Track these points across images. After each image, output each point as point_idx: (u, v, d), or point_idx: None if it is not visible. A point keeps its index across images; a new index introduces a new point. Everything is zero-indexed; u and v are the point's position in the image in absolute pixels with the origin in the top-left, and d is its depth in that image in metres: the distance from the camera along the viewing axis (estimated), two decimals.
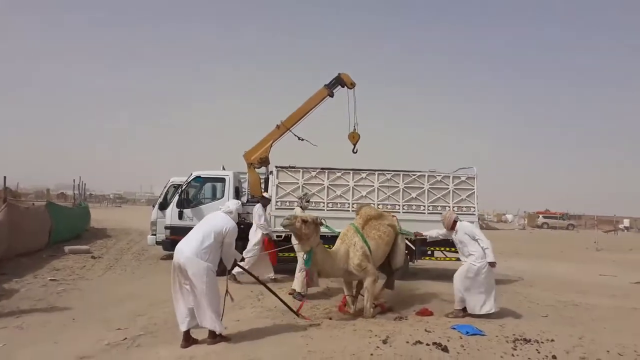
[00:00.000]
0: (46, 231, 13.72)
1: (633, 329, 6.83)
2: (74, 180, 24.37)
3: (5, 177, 14.71)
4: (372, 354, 5.12)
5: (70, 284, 9.00)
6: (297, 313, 6.64)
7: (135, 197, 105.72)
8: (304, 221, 6.48)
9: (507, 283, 11.24)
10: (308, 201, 9.54)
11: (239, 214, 5.97)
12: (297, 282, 8.26)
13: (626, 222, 54.97)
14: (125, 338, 5.66)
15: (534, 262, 17.08)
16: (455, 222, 7.54)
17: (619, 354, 5.44)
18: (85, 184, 28.80)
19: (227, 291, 5.56)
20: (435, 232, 7.90)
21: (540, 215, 55.34)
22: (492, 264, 7.28)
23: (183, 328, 5.30)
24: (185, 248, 5.31)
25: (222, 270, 5.90)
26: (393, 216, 8.12)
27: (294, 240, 7.90)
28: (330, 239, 8.25)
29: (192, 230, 5.59)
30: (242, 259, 6.24)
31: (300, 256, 8.49)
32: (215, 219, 5.64)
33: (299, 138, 12.22)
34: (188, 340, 5.34)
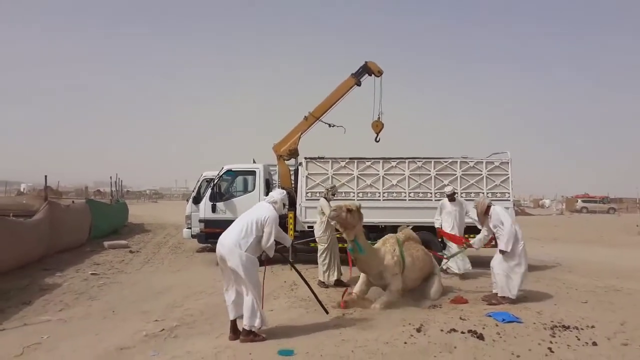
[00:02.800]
0: (86, 227, 14.19)
1: None
2: (110, 177, 25.03)
3: (46, 177, 15.26)
4: (405, 343, 5.10)
5: (110, 277, 9.28)
6: (322, 304, 6.33)
7: (170, 192, 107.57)
8: (349, 210, 6.61)
9: (545, 269, 10.99)
10: (334, 194, 9.47)
11: (284, 205, 5.86)
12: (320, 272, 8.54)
13: None
14: (163, 329, 5.79)
15: (572, 247, 16.64)
16: (489, 207, 7.43)
17: None
18: (122, 181, 29.53)
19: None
20: (478, 237, 7.78)
21: (579, 200, 53.71)
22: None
23: (230, 317, 5.35)
24: (225, 239, 5.32)
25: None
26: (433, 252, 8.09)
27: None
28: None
29: (235, 221, 5.57)
30: (292, 244, 6.18)
31: (323, 246, 8.71)
32: (257, 209, 5.57)
33: (329, 125, 12.20)
34: (235, 332, 5.33)
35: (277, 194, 5.82)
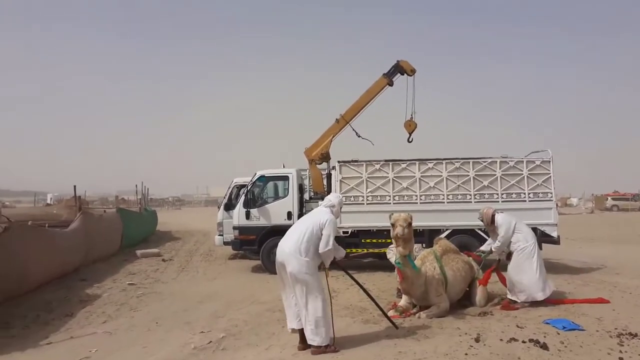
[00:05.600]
0: (119, 236, 14.22)
1: None
2: (136, 185, 25.17)
3: (75, 187, 15.37)
4: (466, 354, 4.85)
5: (147, 287, 9.22)
6: (392, 321, 5.98)
7: (193, 199, 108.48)
8: (409, 224, 6.24)
9: (589, 271, 10.60)
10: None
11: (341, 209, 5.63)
12: None
13: None
14: (210, 341, 5.65)
15: (611, 247, 16.09)
16: (493, 216, 7.38)
17: None
18: (148, 189, 29.71)
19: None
20: (487, 244, 7.74)
21: (609, 197, 52.36)
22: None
23: (291, 325, 5.14)
24: (285, 245, 5.12)
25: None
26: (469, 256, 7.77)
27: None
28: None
29: (292, 227, 5.40)
30: (347, 256, 5.82)
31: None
32: (316, 214, 5.40)
33: (357, 135, 12.04)
34: (303, 341, 5.10)
35: (335, 197, 5.62)
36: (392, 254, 7.06)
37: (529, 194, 10.21)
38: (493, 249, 7.46)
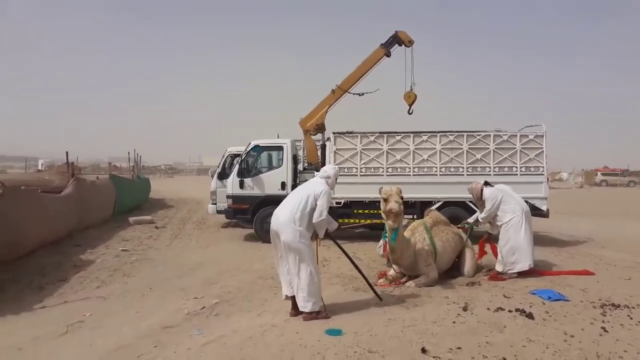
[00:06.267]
0: (112, 203, 14.23)
1: None
2: (128, 152, 25.05)
3: (67, 153, 15.28)
4: (454, 322, 4.97)
5: (140, 254, 9.29)
6: (377, 293, 5.98)
7: (185, 168, 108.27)
8: (402, 198, 6.27)
9: (577, 244, 10.79)
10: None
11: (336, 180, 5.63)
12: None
13: None
14: (204, 307, 5.74)
15: (599, 221, 16.35)
16: (482, 190, 7.52)
17: None
18: (140, 156, 29.57)
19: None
20: (474, 216, 7.89)
21: (599, 173, 52.86)
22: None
23: (286, 293, 5.24)
24: (280, 214, 5.16)
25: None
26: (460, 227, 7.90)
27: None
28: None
29: (287, 197, 5.43)
30: (339, 228, 5.83)
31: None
32: (311, 184, 5.42)
33: (359, 94, 11.98)
34: (295, 307, 5.21)
35: (330, 169, 5.65)
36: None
37: (520, 167, 10.30)
38: (480, 219, 7.61)
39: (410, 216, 10.13)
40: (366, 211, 10.58)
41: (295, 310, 5.21)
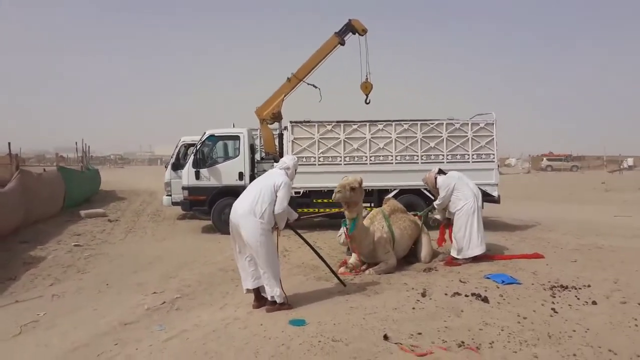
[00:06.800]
0: (60, 196, 13.68)
1: None
2: (76, 142, 24.07)
3: (9, 143, 14.58)
4: (414, 308, 5.12)
5: (94, 248, 9.01)
6: (340, 279, 6.08)
7: (136, 157, 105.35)
8: (353, 188, 6.41)
9: (526, 228, 11.27)
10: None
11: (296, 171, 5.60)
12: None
13: (630, 161, 54.90)
14: (164, 302, 5.66)
15: (546, 205, 17.13)
16: (436, 179, 7.74)
17: None
18: (89, 147, 28.50)
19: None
20: (437, 204, 7.86)
21: (545, 158, 55.23)
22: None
23: (246, 286, 5.22)
24: (239, 206, 5.12)
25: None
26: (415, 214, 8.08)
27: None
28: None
29: (246, 189, 5.37)
30: (299, 218, 5.83)
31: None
32: (270, 176, 5.38)
33: (314, 86, 11.96)
34: (259, 299, 5.22)
35: (290, 159, 5.61)
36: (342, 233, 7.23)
37: (472, 155, 10.64)
38: (435, 206, 7.81)
39: (368, 204, 10.28)
40: (325, 200, 10.65)
41: (258, 302, 5.22)
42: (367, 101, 12.34)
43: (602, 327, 4.54)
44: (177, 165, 12.53)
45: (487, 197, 10.52)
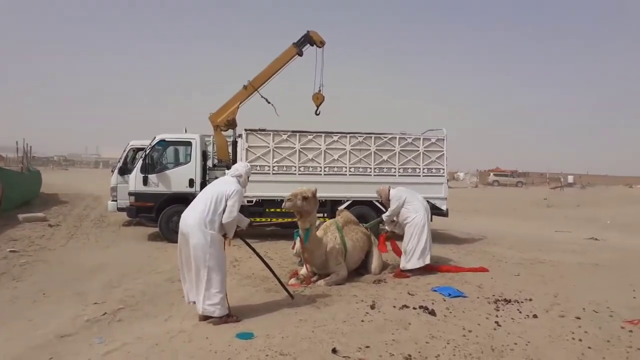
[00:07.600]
0: None
1: (600, 285, 7.12)
2: (16, 142, 22.97)
3: None
4: (362, 321, 5.12)
5: (32, 255, 8.53)
6: (289, 292, 6.01)
7: (81, 159, 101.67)
8: (305, 198, 6.36)
9: (472, 242, 11.61)
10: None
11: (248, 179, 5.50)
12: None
13: (570, 179, 57.74)
14: (105, 313, 5.41)
15: (491, 220, 17.73)
16: (389, 191, 7.93)
17: (594, 311, 5.66)
18: (31, 147, 27.24)
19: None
20: (386, 216, 7.97)
21: (492, 173, 57.26)
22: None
23: (192, 299, 5.04)
24: (189, 216, 4.96)
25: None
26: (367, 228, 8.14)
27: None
28: None
29: (197, 197, 5.22)
30: (250, 225, 5.71)
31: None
32: (221, 183, 5.25)
33: (267, 101, 11.88)
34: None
35: (242, 167, 5.49)
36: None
37: (423, 169, 10.89)
38: (384, 218, 7.96)
39: (321, 215, 10.28)
40: (278, 210, 10.56)
41: (205, 315, 5.08)
42: (318, 112, 12.37)
43: (542, 340, 4.69)
44: (125, 170, 12.14)
45: (436, 211, 10.76)
